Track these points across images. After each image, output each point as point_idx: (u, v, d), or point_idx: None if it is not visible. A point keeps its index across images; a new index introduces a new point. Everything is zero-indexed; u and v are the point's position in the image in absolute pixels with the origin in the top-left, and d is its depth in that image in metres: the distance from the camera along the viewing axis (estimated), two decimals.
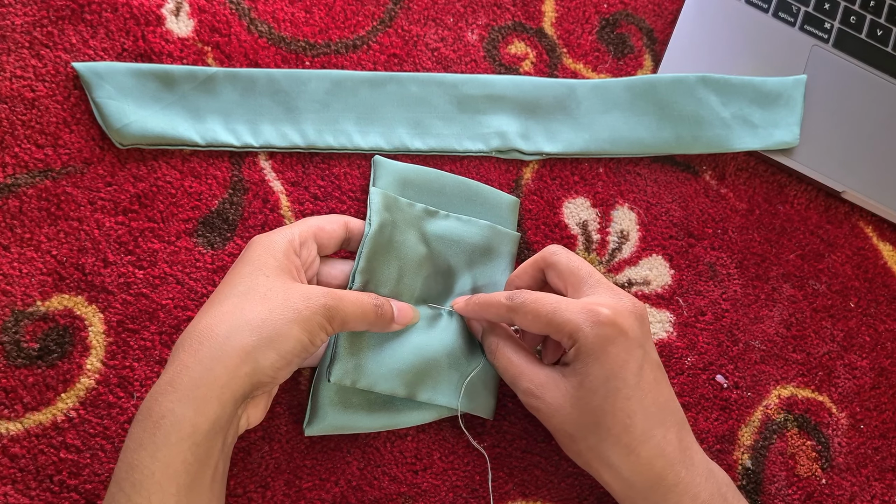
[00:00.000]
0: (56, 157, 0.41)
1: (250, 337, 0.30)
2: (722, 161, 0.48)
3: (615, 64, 0.49)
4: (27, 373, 0.38)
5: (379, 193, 0.39)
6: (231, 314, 0.31)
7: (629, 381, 0.33)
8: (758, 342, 0.46)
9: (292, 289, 0.33)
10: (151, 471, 0.28)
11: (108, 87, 0.41)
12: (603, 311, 0.33)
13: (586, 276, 0.36)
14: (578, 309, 0.34)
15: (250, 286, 0.32)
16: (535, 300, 0.35)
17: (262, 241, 0.35)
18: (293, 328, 0.31)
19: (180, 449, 0.29)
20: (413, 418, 0.39)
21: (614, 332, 0.33)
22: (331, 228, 0.37)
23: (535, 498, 0.41)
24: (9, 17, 0.42)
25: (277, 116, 0.43)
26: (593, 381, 0.33)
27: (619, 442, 0.33)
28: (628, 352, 0.33)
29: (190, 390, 0.29)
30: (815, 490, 0.44)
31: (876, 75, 0.51)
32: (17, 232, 0.40)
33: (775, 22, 0.50)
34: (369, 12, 0.46)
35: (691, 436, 0.35)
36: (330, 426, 0.37)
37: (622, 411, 0.33)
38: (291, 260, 0.35)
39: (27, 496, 0.37)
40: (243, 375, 0.30)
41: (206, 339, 0.30)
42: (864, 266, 0.48)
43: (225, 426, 0.30)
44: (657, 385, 0.34)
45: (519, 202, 0.44)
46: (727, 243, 0.47)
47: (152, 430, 0.29)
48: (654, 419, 0.33)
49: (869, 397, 0.46)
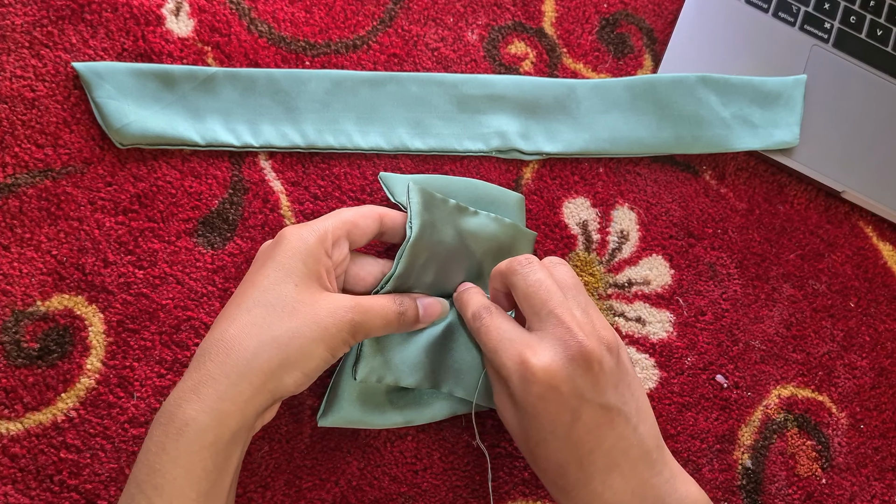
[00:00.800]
0: (56, 157, 0.41)
1: (277, 355, 0.31)
2: (722, 161, 0.48)
3: (615, 64, 0.49)
4: (27, 373, 0.38)
5: (417, 192, 0.38)
6: (259, 327, 0.31)
7: (558, 433, 0.32)
8: (758, 342, 0.46)
9: (320, 302, 0.32)
10: (174, 476, 0.29)
11: (108, 87, 0.41)
12: (534, 366, 0.31)
13: (539, 308, 0.33)
14: (513, 356, 0.32)
15: (279, 297, 0.32)
16: (488, 330, 0.34)
17: (292, 240, 0.34)
18: (318, 347, 0.32)
19: (202, 457, 0.29)
20: (425, 415, 0.38)
21: (542, 388, 0.31)
22: (365, 224, 0.36)
23: (535, 498, 0.41)
24: (9, 17, 0.42)
25: (277, 116, 0.43)
26: (526, 429, 0.33)
27: (556, 484, 0.33)
28: (558, 405, 0.31)
29: (215, 402, 0.29)
30: (815, 490, 0.44)
31: (876, 75, 0.51)
32: (17, 232, 0.40)
33: (775, 22, 0.50)
34: (369, 12, 0.46)
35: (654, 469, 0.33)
36: (344, 420, 0.37)
37: (554, 461, 0.32)
38: (322, 262, 0.34)
39: (27, 496, 0.37)
40: (267, 392, 0.31)
41: (234, 353, 0.30)
42: (864, 266, 0.48)
43: (245, 435, 0.31)
44: (597, 431, 0.32)
45: (524, 199, 0.44)
46: (727, 243, 0.47)
47: (175, 435, 0.29)
48: (593, 467, 0.32)
49: (869, 397, 0.46)
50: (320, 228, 0.34)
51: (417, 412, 0.38)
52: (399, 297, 0.36)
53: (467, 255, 0.40)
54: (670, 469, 0.33)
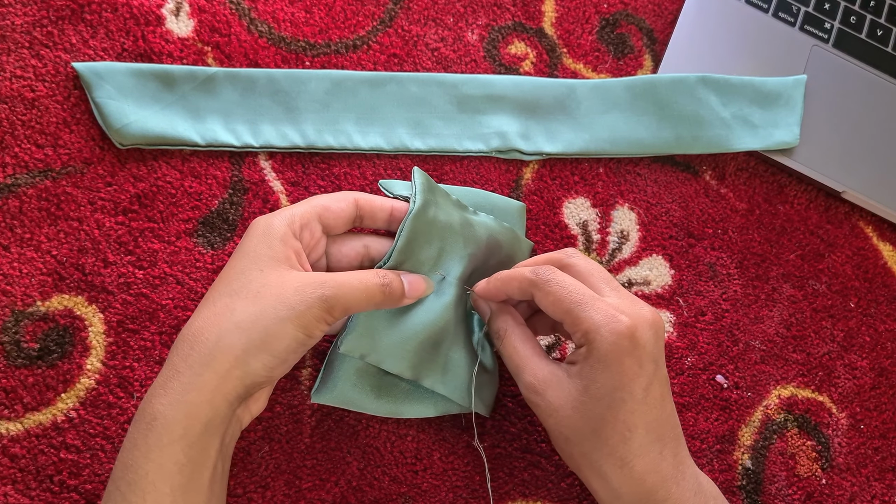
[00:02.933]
0: (56, 157, 0.41)
1: (239, 339, 0.30)
2: (722, 161, 0.48)
3: (615, 64, 0.49)
4: (27, 373, 0.38)
5: (421, 174, 0.38)
6: (222, 315, 0.31)
7: (636, 395, 0.32)
8: (758, 342, 0.46)
9: (287, 282, 0.31)
10: (146, 471, 0.28)
11: (108, 87, 0.41)
12: (624, 320, 0.32)
13: (606, 282, 0.35)
14: (602, 310, 0.33)
15: (243, 283, 0.32)
16: (562, 282, 0.34)
17: (259, 227, 0.34)
18: (286, 326, 0.31)
19: (172, 450, 0.29)
20: (417, 409, 0.38)
21: (631, 343, 0.32)
22: (338, 208, 0.36)
23: (535, 498, 0.41)
24: (9, 17, 0.42)
25: (277, 116, 0.43)
26: (600, 388, 0.32)
27: (615, 453, 0.32)
28: (641, 365, 0.32)
29: (180, 394, 0.29)
30: (815, 490, 0.44)
31: (876, 75, 0.51)
32: (17, 232, 0.40)
33: (775, 22, 0.50)
34: (369, 12, 0.46)
35: (685, 449, 0.35)
36: (337, 399, 0.36)
37: (623, 424, 0.32)
38: (290, 244, 0.33)
39: (27, 496, 0.37)
40: (234, 379, 0.30)
41: (197, 344, 0.30)
42: (864, 266, 0.48)
43: (220, 427, 0.30)
44: (662, 401, 0.33)
45: (524, 207, 0.44)
46: (727, 243, 0.47)
47: (145, 431, 0.29)
48: (654, 434, 0.33)
49: (869, 397, 0.46)
50: (287, 212, 0.34)
51: (411, 405, 0.38)
52: (381, 271, 0.34)
53: (471, 242, 0.39)
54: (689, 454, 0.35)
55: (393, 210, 0.37)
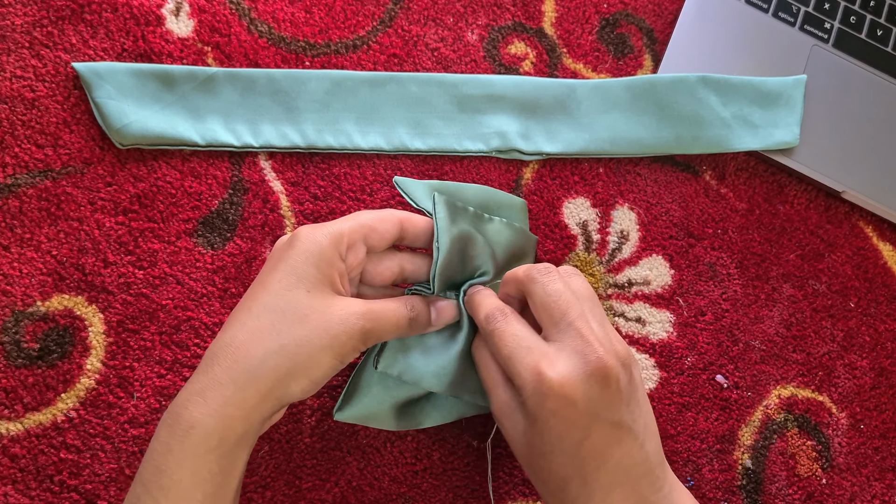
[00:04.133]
0: (56, 157, 0.41)
1: (285, 363, 0.31)
2: (722, 161, 0.48)
3: (615, 64, 0.49)
4: (27, 373, 0.38)
5: (444, 204, 0.37)
6: (268, 334, 0.31)
7: (567, 450, 0.31)
8: (758, 342, 0.46)
9: (331, 309, 0.32)
10: (179, 477, 0.29)
11: (108, 87, 0.41)
12: (550, 378, 0.31)
13: (558, 318, 0.33)
14: (529, 366, 0.31)
15: (290, 303, 0.32)
16: (502, 335, 0.33)
17: (306, 243, 0.33)
18: (327, 355, 0.31)
19: (207, 460, 0.29)
20: (436, 418, 0.38)
21: (557, 403, 0.31)
22: (384, 229, 0.35)
23: (535, 498, 0.41)
24: (9, 17, 0.42)
25: (277, 116, 0.43)
26: (533, 439, 0.32)
27: (554, 496, 0.32)
28: (569, 422, 0.31)
29: (221, 407, 0.30)
30: (815, 490, 0.44)
31: (876, 75, 0.51)
32: (17, 232, 0.40)
33: (775, 22, 0.50)
34: (369, 12, 0.46)
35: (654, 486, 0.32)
36: (361, 416, 0.36)
37: (556, 475, 0.32)
38: (335, 266, 0.33)
39: (27, 496, 0.37)
40: (273, 399, 0.31)
41: (242, 359, 0.30)
42: (864, 266, 0.48)
43: (251, 440, 0.31)
44: (606, 450, 0.31)
45: (526, 204, 0.44)
46: (727, 243, 0.47)
47: (181, 437, 0.29)
48: (594, 485, 0.31)
49: (869, 397, 0.46)
50: (335, 231, 0.33)
51: (430, 416, 0.38)
52: (411, 301, 0.35)
53: (494, 255, 0.39)
54: (670, 484, 0.33)
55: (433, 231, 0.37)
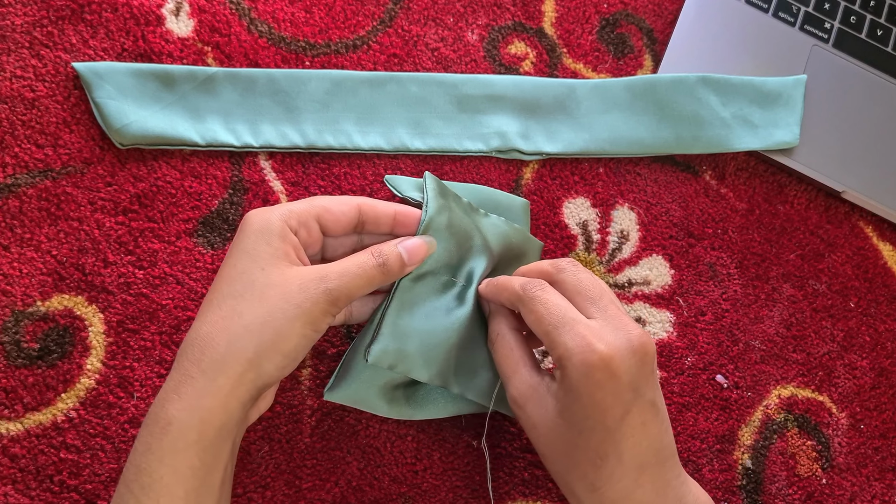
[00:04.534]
0: (56, 157, 0.41)
1: (250, 343, 0.30)
2: (722, 161, 0.48)
3: (615, 64, 0.49)
4: (27, 373, 0.38)
5: (433, 179, 0.37)
6: (229, 319, 0.31)
7: (608, 425, 0.31)
8: (758, 342, 0.46)
9: (290, 280, 0.31)
10: (160, 475, 0.29)
11: (108, 87, 0.41)
12: (598, 348, 0.31)
13: (597, 298, 0.33)
14: (577, 337, 0.31)
15: (246, 284, 0.31)
16: (546, 301, 0.33)
17: (255, 223, 0.33)
18: (295, 325, 0.31)
19: (187, 455, 0.29)
20: (429, 411, 0.38)
21: (604, 375, 0.31)
22: (339, 210, 0.35)
23: (535, 498, 0.41)
24: (9, 17, 0.42)
25: (277, 116, 0.43)
26: (572, 415, 0.32)
27: (586, 478, 0.32)
28: (615, 396, 0.31)
29: (195, 399, 0.29)
30: (815, 490, 0.44)
31: (876, 75, 0.51)
32: (17, 232, 0.40)
33: (775, 22, 0.50)
34: (369, 12, 0.46)
35: (673, 471, 0.33)
36: (351, 398, 0.36)
37: (594, 451, 0.32)
38: (288, 240, 0.33)
39: (27, 496, 0.37)
40: (248, 382, 0.30)
41: (207, 349, 0.30)
42: (864, 266, 0.48)
43: (233, 430, 0.31)
44: (643, 428, 0.32)
45: (529, 204, 0.44)
46: (727, 243, 0.47)
47: (159, 435, 0.29)
48: (629, 463, 0.32)
49: (869, 397, 0.46)
50: (284, 208, 0.33)
51: (422, 408, 0.38)
52: (376, 248, 0.34)
53: (487, 246, 0.39)
54: (681, 470, 0.34)
55: (397, 215, 0.36)
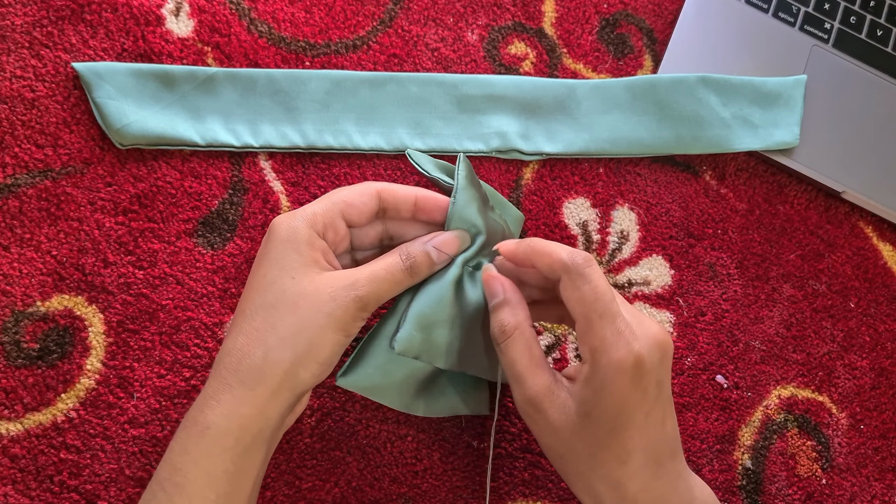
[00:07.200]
0: (56, 157, 0.41)
1: (287, 355, 0.31)
2: (722, 161, 0.48)
3: (615, 64, 0.49)
4: (27, 373, 0.38)
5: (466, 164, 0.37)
6: (263, 331, 0.31)
7: (637, 420, 0.31)
8: (758, 342, 0.46)
9: (320, 289, 0.31)
10: (194, 476, 0.29)
11: (108, 87, 0.41)
12: (634, 347, 0.31)
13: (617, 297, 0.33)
14: (616, 331, 0.31)
15: (278, 295, 0.32)
16: (597, 283, 0.31)
17: (282, 231, 0.33)
18: (328, 334, 0.31)
19: (222, 459, 0.30)
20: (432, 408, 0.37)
21: (636, 373, 0.31)
22: (360, 202, 0.34)
23: (535, 498, 0.41)
24: (9, 17, 0.42)
25: (277, 116, 0.43)
26: (602, 413, 0.31)
27: (610, 476, 0.32)
28: (645, 392, 0.31)
29: (234, 407, 0.30)
30: (815, 490, 0.44)
31: (876, 75, 0.51)
32: (17, 232, 0.40)
33: (775, 22, 0.50)
34: (369, 12, 0.46)
35: (682, 462, 0.34)
36: (363, 386, 0.35)
37: (622, 448, 0.31)
38: (316, 246, 0.33)
39: (27, 496, 0.37)
40: (286, 391, 0.31)
41: (245, 359, 0.31)
42: (864, 266, 0.48)
43: (269, 437, 0.32)
44: (663, 422, 0.32)
45: (524, 219, 0.44)
46: (727, 243, 0.47)
47: (197, 438, 0.30)
48: (651, 457, 0.32)
49: (869, 397, 0.46)
50: (309, 213, 0.33)
51: (428, 404, 0.37)
52: (405, 250, 0.34)
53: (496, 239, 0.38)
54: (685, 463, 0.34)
55: (417, 201, 0.36)
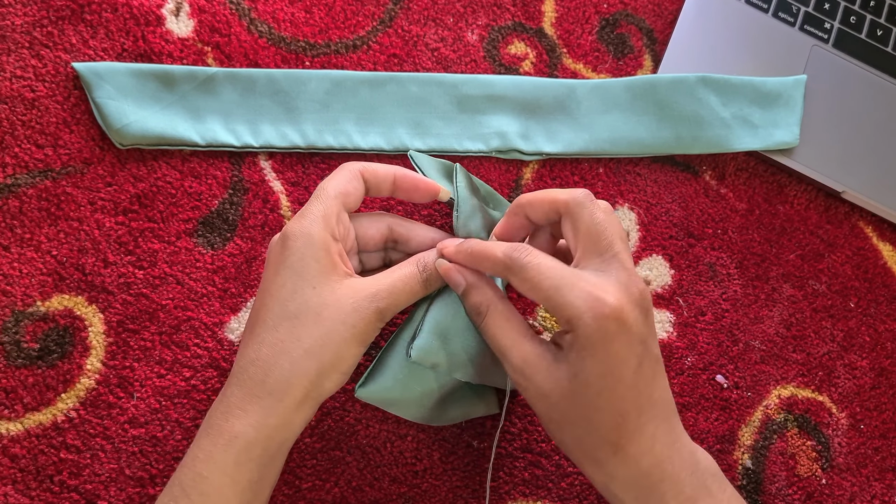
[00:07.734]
0: (56, 157, 0.41)
1: (313, 366, 0.31)
2: (722, 161, 0.48)
3: (615, 64, 0.49)
4: (27, 373, 0.38)
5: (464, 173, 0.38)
6: (289, 343, 0.32)
7: (626, 379, 0.31)
8: (758, 342, 0.46)
9: (342, 299, 0.32)
10: (220, 484, 0.30)
11: (108, 87, 0.41)
12: (608, 301, 0.30)
13: (604, 248, 0.32)
14: (582, 293, 0.30)
15: (300, 305, 0.32)
16: (538, 266, 0.32)
17: (298, 239, 0.33)
18: (351, 346, 0.32)
19: (248, 468, 0.31)
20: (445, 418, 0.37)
21: (617, 326, 0.30)
22: (353, 188, 0.35)
23: (535, 498, 0.41)
24: (9, 17, 0.42)
25: (277, 117, 0.43)
26: (589, 375, 0.31)
27: (608, 439, 0.32)
28: (629, 348, 0.31)
29: (263, 418, 0.31)
30: (815, 490, 0.44)
31: (876, 75, 0.51)
32: (17, 232, 0.40)
33: (775, 22, 0.50)
34: (369, 12, 0.46)
35: (680, 425, 0.33)
36: (381, 398, 0.35)
37: (615, 409, 0.31)
38: (333, 250, 0.33)
39: (27, 496, 0.37)
40: (311, 400, 0.32)
41: (272, 372, 0.31)
42: (864, 266, 0.48)
43: (290, 445, 0.33)
44: (653, 380, 0.32)
45: None
46: (727, 243, 0.47)
47: (224, 446, 0.30)
48: (646, 416, 0.32)
49: (869, 397, 0.46)
50: (318, 214, 0.33)
51: (440, 413, 0.37)
52: (422, 261, 0.35)
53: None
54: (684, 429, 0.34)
55: (396, 179, 0.37)
